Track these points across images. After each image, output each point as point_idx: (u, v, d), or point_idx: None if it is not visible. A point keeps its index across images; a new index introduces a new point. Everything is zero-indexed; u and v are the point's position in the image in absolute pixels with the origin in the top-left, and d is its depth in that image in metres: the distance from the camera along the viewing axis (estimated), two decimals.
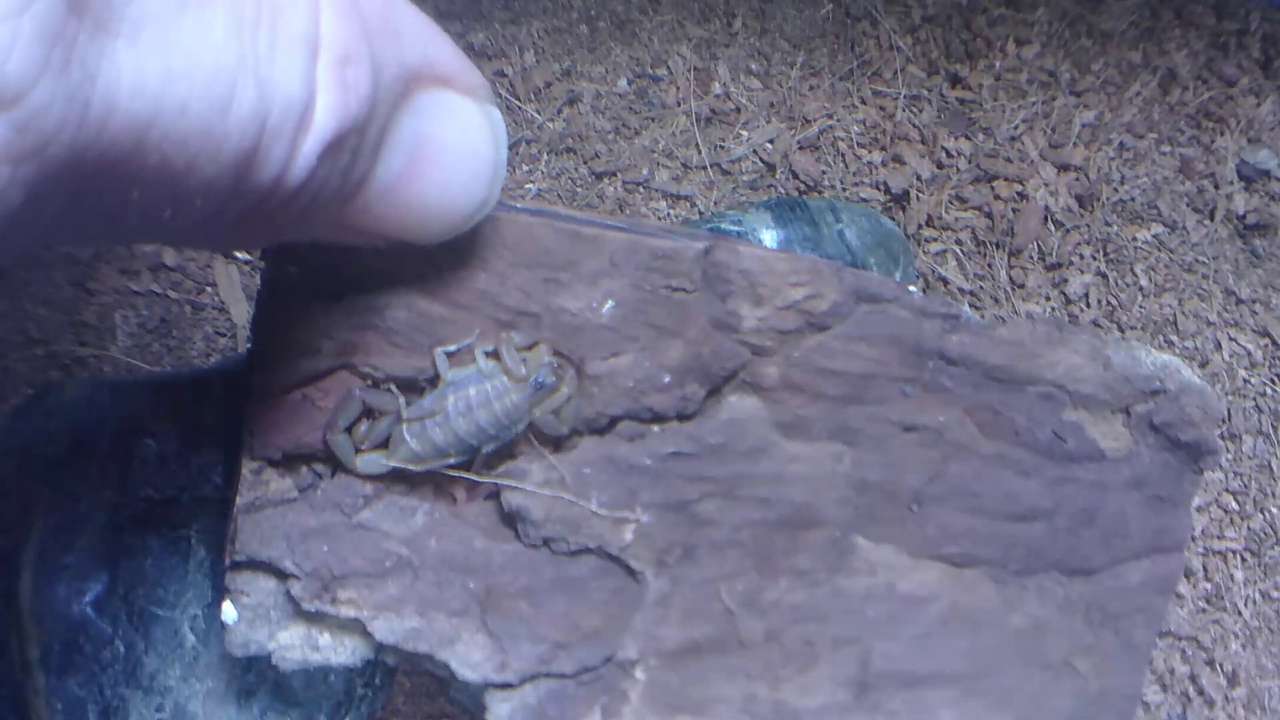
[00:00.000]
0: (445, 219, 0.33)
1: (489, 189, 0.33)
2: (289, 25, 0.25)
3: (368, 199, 0.30)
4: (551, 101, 0.95)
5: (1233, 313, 0.94)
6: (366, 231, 0.31)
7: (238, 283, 0.87)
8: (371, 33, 0.27)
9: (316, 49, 0.25)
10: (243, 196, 0.26)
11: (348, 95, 0.26)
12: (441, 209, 0.32)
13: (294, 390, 0.39)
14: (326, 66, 0.26)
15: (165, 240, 0.28)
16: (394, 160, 0.30)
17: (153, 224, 0.25)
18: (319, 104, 0.25)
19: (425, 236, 0.33)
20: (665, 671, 0.44)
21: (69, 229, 0.24)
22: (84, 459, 0.50)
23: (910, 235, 0.93)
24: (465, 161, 0.32)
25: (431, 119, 0.31)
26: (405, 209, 0.31)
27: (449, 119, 0.31)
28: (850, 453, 0.46)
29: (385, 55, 0.28)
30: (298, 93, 0.25)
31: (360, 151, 0.28)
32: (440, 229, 0.33)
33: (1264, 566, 0.89)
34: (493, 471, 0.41)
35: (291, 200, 0.27)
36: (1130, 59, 0.99)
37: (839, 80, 0.98)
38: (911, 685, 0.48)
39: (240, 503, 0.40)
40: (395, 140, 0.30)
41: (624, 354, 0.42)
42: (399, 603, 0.40)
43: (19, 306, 0.84)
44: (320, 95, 0.25)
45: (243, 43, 0.24)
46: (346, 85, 0.26)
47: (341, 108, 0.26)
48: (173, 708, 0.49)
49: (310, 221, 0.29)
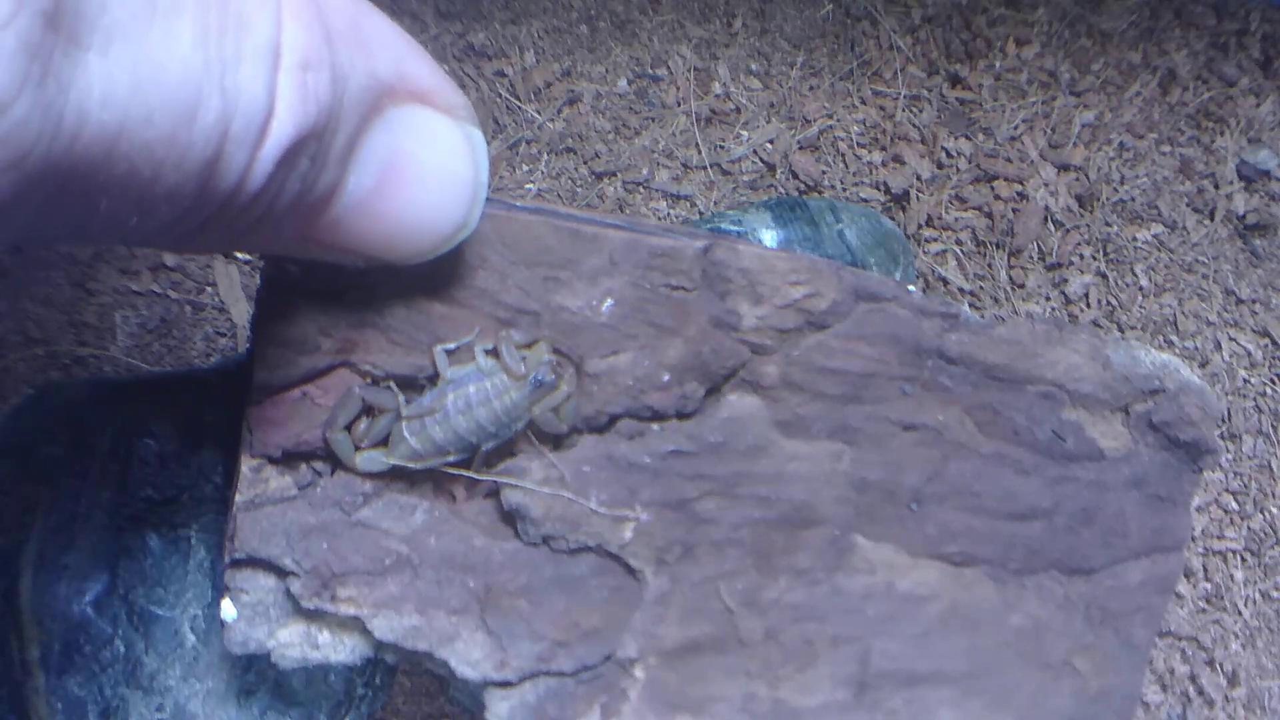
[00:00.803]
0: (421, 239, 0.32)
1: (467, 211, 0.33)
2: (254, 34, 0.25)
3: (339, 214, 0.30)
4: (551, 101, 0.95)
5: (1233, 313, 0.94)
6: (342, 248, 0.31)
7: (238, 283, 0.87)
8: (335, 40, 0.27)
9: (277, 55, 0.25)
10: (205, 203, 0.26)
11: (306, 101, 0.26)
12: (417, 229, 0.32)
13: (294, 388, 0.39)
14: (286, 72, 0.26)
15: (127, 241, 0.28)
16: (365, 175, 0.30)
17: (118, 228, 0.25)
18: (279, 110, 0.25)
19: (402, 256, 0.33)
20: (665, 670, 0.44)
21: (35, 233, 0.24)
22: (84, 459, 0.50)
23: (910, 235, 0.93)
24: (442, 181, 0.32)
25: (406, 135, 0.30)
26: (379, 227, 0.31)
27: (425, 137, 0.31)
28: (850, 452, 0.46)
29: (351, 64, 0.28)
30: (260, 100, 0.25)
31: (324, 161, 0.28)
32: (417, 249, 0.33)
33: (1264, 566, 0.89)
34: (492, 469, 0.41)
35: (249, 207, 0.27)
36: (1130, 59, 0.99)
37: (839, 80, 0.98)
38: (911, 684, 0.48)
39: (240, 500, 0.40)
40: (366, 154, 0.29)
41: (623, 352, 0.42)
42: (398, 601, 0.40)
43: (19, 306, 0.84)
44: (279, 101, 0.25)
45: (208, 51, 0.24)
46: (305, 91, 0.26)
47: (300, 113, 0.26)
48: (173, 707, 0.49)
49: (273, 231, 0.29)
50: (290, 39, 0.26)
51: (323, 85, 0.26)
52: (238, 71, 0.24)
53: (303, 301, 0.38)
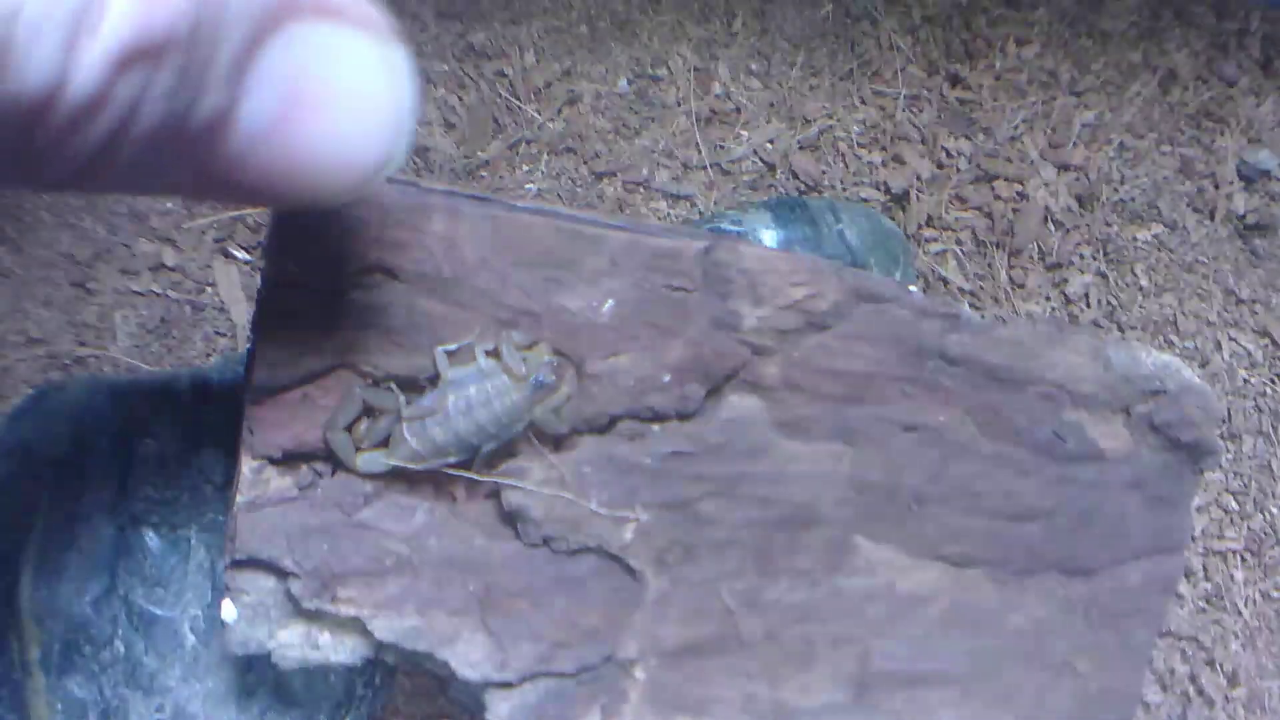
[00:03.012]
0: (338, 173, 0.28)
1: (391, 140, 0.29)
2: None
3: (238, 147, 0.26)
4: (551, 101, 0.95)
5: (1233, 313, 0.94)
6: (248, 187, 0.28)
7: (238, 283, 0.87)
8: None
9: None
10: (5, 101, 0.22)
11: (152, 2, 0.22)
12: (333, 161, 0.28)
13: (294, 388, 0.39)
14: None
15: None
16: (264, 100, 0.26)
17: None
18: (111, 7, 0.22)
19: (320, 195, 0.29)
20: (665, 671, 0.44)
21: None
22: (84, 459, 0.50)
23: (910, 235, 0.93)
24: (356, 106, 0.28)
25: (312, 55, 0.27)
26: (287, 159, 0.27)
27: (335, 57, 0.27)
28: (850, 452, 0.46)
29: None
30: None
31: (193, 75, 0.24)
32: (335, 185, 0.29)
33: (1264, 566, 0.89)
34: (493, 470, 0.41)
35: (88, 116, 0.23)
36: (1130, 59, 0.99)
37: (839, 80, 0.98)
38: (911, 685, 0.48)
39: (240, 501, 0.39)
40: (262, 76, 0.26)
41: (624, 353, 0.42)
42: (399, 601, 0.40)
43: (19, 306, 0.84)
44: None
45: None
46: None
47: (143, 15, 0.22)
48: (173, 708, 0.49)
49: (157, 163, 0.26)
50: None
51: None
52: None
53: (303, 301, 0.38)
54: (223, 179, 0.27)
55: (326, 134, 0.27)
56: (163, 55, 0.23)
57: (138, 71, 0.23)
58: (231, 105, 0.26)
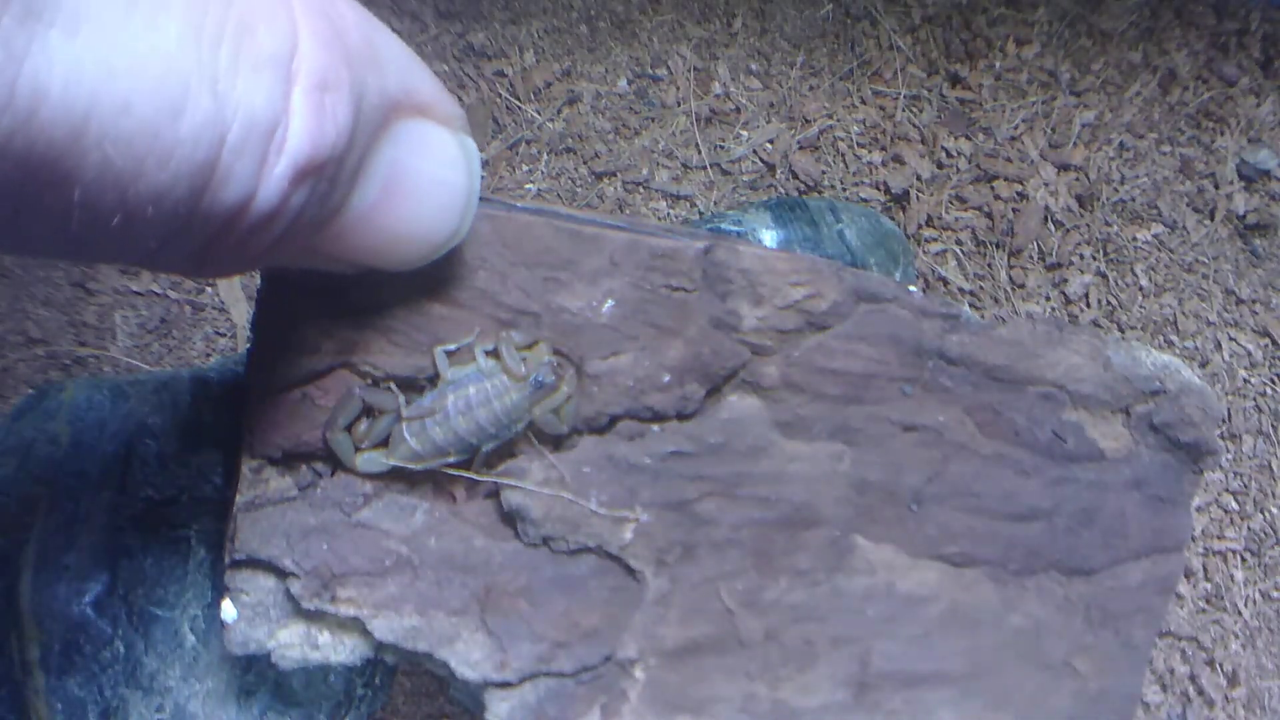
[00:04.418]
0: (417, 248, 0.33)
1: (461, 219, 0.33)
2: (258, 43, 0.25)
3: (342, 227, 0.30)
4: (551, 101, 0.95)
5: (1233, 313, 0.94)
6: (338, 258, 0.32)
7: (238, 283, 0.87)
8: (353, 61, 0.27)
9: (291, 71, 0.25)
10: (206, 214, 0.25)
11: (325, 122, 0.26)
12: (413, 238, 0.32)
13: (294, 389, 0.39)
14: (304, 92, 0.26)
15: (132, 259, 0.27)
16: (370, 189, 0.30)
17: (104, 232, 0.25)
18: (293, 128, 0.25)
19: (395, 265, 0.33)
20: (665, 670, 0.44)
21: (18, 230, 0.24)
22: (84, 459, 0.50)
23: (910, 235, 0.93)
24: (439, 191, 0.32)
25: (409, 149, 0.31)
26: (378, 238, 0.31)
27: (426, 149, 0.31)
28: (850, 452, 0.46)
29: (367, 84, 0.28)
30: (262, 111, 0.25)
31: (338, 180, 0.28)
32: (411, 257, 0.33)
33: (1264, 566, 0.89)
34: (492, 470, 0.41)
35: (265, 225, 0.27)
36: (1130, 59, 0.99)
37: (839, 80, 0.98)
38: (911, 685, 0.48)
39: (240, 501, 0.39)
40: (372, 169, 0.30)
41: (624, 353, 0.42)
42: (398, 601, 0.40)
43: (19, 306, 0.84)
44: (295, 119, 0.25)
45: (201, 52, 0.24)
46: (324, 112, 0.26)
47: (318, 134, 0.26)
48: (173, 708, 0.49)
49: (285, 248, 0.29)
50: (308, 56, 0.26)
51: (343, 107, 0.26)
52: (235, 78, 0.24)
53: (303, 302, 0.38)
54: (319, 252, 0.31)
55: (414, 216, 0.32)
56: (326, 167, 0.27)
57: (309, 184, 0.27)
58: (349, 195, 0.29)
